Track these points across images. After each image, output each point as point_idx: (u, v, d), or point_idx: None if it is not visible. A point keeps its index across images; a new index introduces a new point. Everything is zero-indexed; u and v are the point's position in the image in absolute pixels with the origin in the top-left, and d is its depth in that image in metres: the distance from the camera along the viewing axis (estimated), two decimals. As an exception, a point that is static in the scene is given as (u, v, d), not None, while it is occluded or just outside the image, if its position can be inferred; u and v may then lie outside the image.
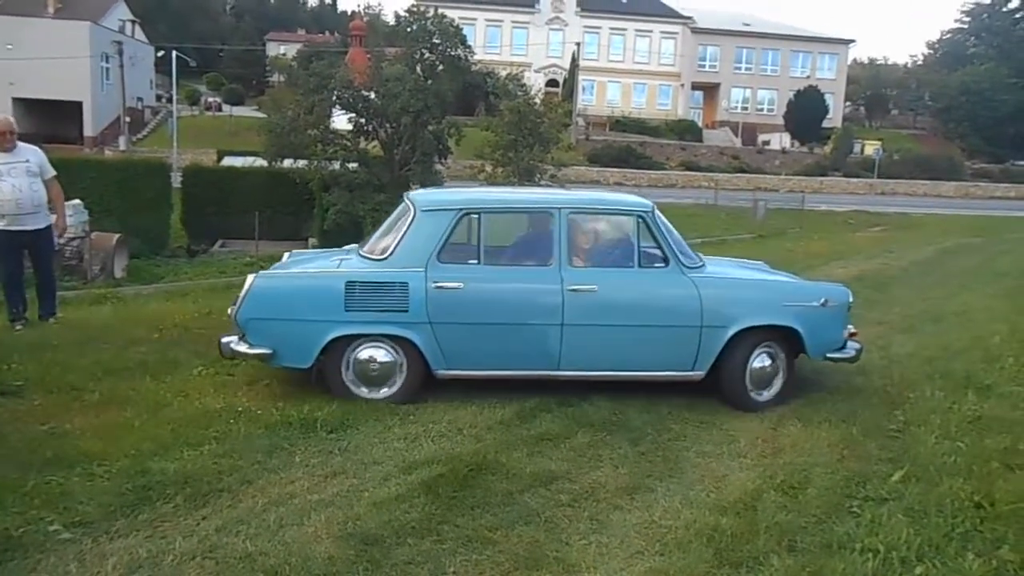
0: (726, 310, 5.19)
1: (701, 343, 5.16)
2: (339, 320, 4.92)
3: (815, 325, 5.29)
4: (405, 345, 4.98)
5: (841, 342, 5.45)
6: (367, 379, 5.05)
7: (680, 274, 5.22)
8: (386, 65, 23.73)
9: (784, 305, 5.31)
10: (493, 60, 48.06)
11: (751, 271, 6.25)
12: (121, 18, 51.56)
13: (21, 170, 6.58)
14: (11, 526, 3.28)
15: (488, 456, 4.22)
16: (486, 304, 5.01)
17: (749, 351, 5.23)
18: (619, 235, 5.41)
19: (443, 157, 23.83)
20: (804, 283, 5.87)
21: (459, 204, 5.24)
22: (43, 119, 42.04)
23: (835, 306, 5.39)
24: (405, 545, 3.31)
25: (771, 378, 5.36)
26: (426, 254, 5.00)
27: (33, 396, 4.91)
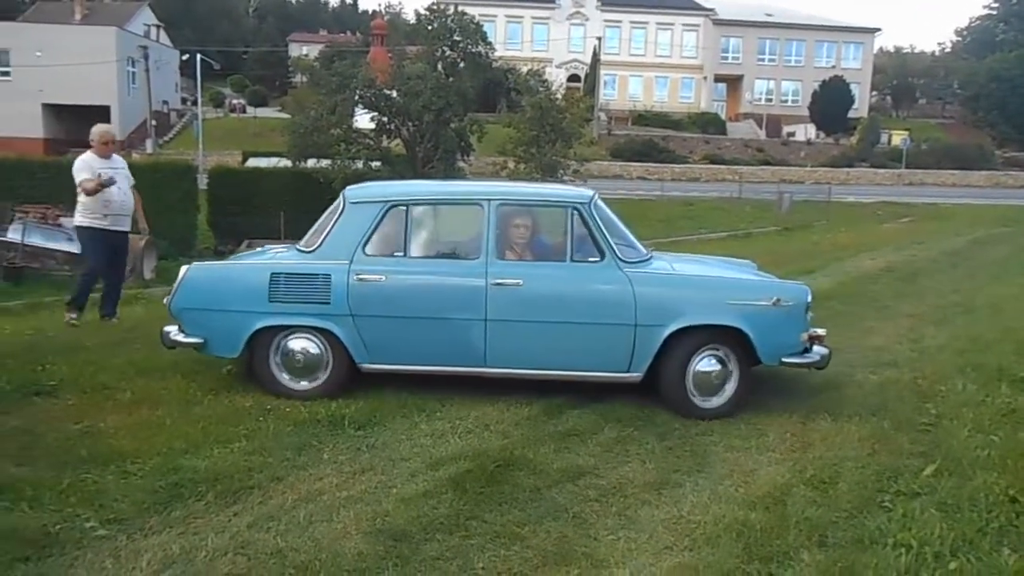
0: (662, 308, 4.87)
1: (636, 343, 4.85)
2: (264, 311, 4.98)
3: (765, 326, 4.86)
4: (329, 337, 5.00)
5: (798, 346, 4.96)
6: (294, 370, 5.09)
7: (615, 269, 4.93)
8: (407, 63, 23.85)
9: (728, 304, 4.89)
10: (514, 56, 47.99)
11: (716, 269, 5.79)
12: (146, 23, 52.27)
13: (123, 175, 7.10)
14: (49, 523, 3.34)
15: (515, 452, 4.23)
16: (408, 297, 4.96)
17: (689, 353, 4.88)
18: (552, 228, 5.20)
19: (465, 154, 23.90)
20: (756, 280, 5.32)
21: (386, 196, 5.20)
22: (72, 124, 42.64)
23: (789, 306, 4.91)
24: (433, 541, 3.33)
25: (719, 384, 4.93)
26: (352, 246, 5.00)
27: (67, 396, 4.99)
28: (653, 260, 5.31)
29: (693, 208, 28.78)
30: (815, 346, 5.09)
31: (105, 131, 7.12)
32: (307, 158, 22.71)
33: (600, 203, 5.26)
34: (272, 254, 5.68)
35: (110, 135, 7.17)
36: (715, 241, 19.68)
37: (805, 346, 5.03)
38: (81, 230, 7.12)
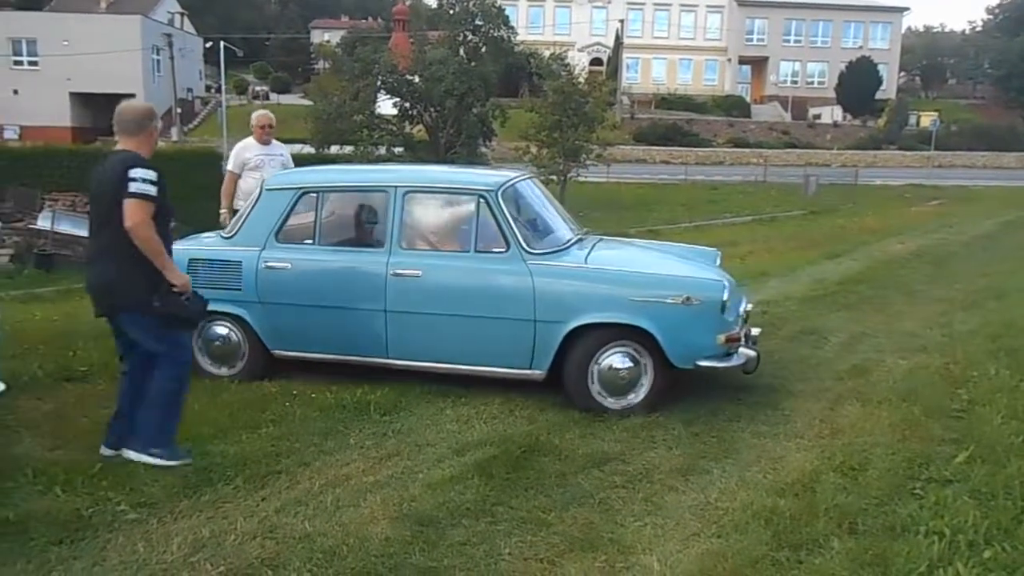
0: (561, 303, 4.65)
1: (536, 339, 4.66)
2: None
3: (673, 325, 4.53)
4: (242, 324, 5.06)
5: (712, 348, 4.59)
6: (213, 356, 5.18)
7: (517, 262, 4.69)
8: (429, 49, 23.79)
9: (631, 300, 4.57)
10: (536, 40, 47.71)
11: (644, 261, 5.32)
12: (170, 11, 52.54)
13: (277, 164, 6.71)
14: (82, 506, 3.40)
15: (541, 437, 4.22)
16: (312, 285, 4.93)
17: (592, 350, 4.64)
18: (457, 216, 5.04)
19: (488, 139, 23.84)
20: (664, 276, 4.83)
21: (298, 184, 5.19)
22: (99, 112, 43.06)
23: (700, 304, 4.53)
24: (460, 526, 3.33)
25: (630, 383, 4.66)
26: (264, 233, 5.04)
27: (98, 381, 5.06)
28: (571, 251, 4.98)
29: (717, 192, 28.52)
30: (741, 349, 4.72)
31: (261, 115, 6.78)
32: (330, 144, 22.78)
33: (519, 189, 5.16)
34: (200, 239, 5.64)
35: (267, 119, 6.74)
36: (740, 225, 19.50)
37: (728, 349, 4.66)
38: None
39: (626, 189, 26.54)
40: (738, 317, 4.86)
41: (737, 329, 4.74)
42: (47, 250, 14.03)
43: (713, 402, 4.88)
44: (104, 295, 3.75)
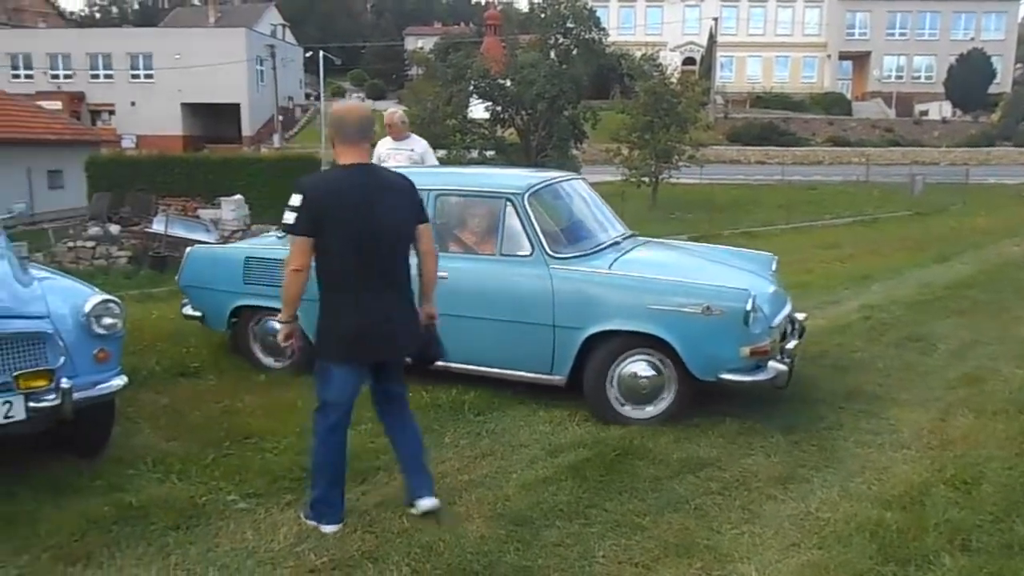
0: (579, 309, 4.57)
1: (556, 344, 4.61)
2: (240, 292, 5.39)
3: (693, 336, 4.36)
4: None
5: (735, 360, 4.35)
6: (266, 348, 5.44)
7: (540, 265, 4.65)
8: (520, 52, 23.94)
9: (649, 308, 4.42)
10: (627, 41, 47.26)
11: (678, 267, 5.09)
12: (272, 22, 54.76)
13: (404, 156, 6.81)
14: (196, 495, 3.59)
15: (634, 441, 4.20)
16: None
17: (611, 358, 4.54)
18: (486, 219, 4.99)
19: (579, 142, 23.80)
20: (684, 284, 4.59)
21: None
22: (206, 121, 45.37)
23: (722, 314, 4.31)
24: (554, 527, 3.36)
25: (652, 392, 4.53)
26: None
27: (209, 377, 5.33)
28: (599, 255, 4.86)
29: (816, 192, 27.54)
30: (771, 363, 4.47)
31: (388, 114, 6.95)
32: (423, 149, 23.23)
33: (553, 191, 5.12)
34: (258, 238, 5.87)
35: (391, 117, 6.89)
36: (840, 227, 18.76)
37: (755, 362, 4.41)
38: None
39: (720, 190, 25.96)
40: (771, 328, 4.56)
41: (766, 341, 4.45)
42: (161, 252, 14.80)
43: (813, 409, 4.74)
44: (405, 336, 3.34)
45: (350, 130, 3.22)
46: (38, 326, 3.61)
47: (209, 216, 17.76)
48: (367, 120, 3.28)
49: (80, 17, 77.66)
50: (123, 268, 14.64)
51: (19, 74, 44.49)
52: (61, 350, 3.63)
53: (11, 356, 3.50)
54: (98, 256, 15.27)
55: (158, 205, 18.35)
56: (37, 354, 3.57)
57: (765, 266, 5.41)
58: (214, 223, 16.95)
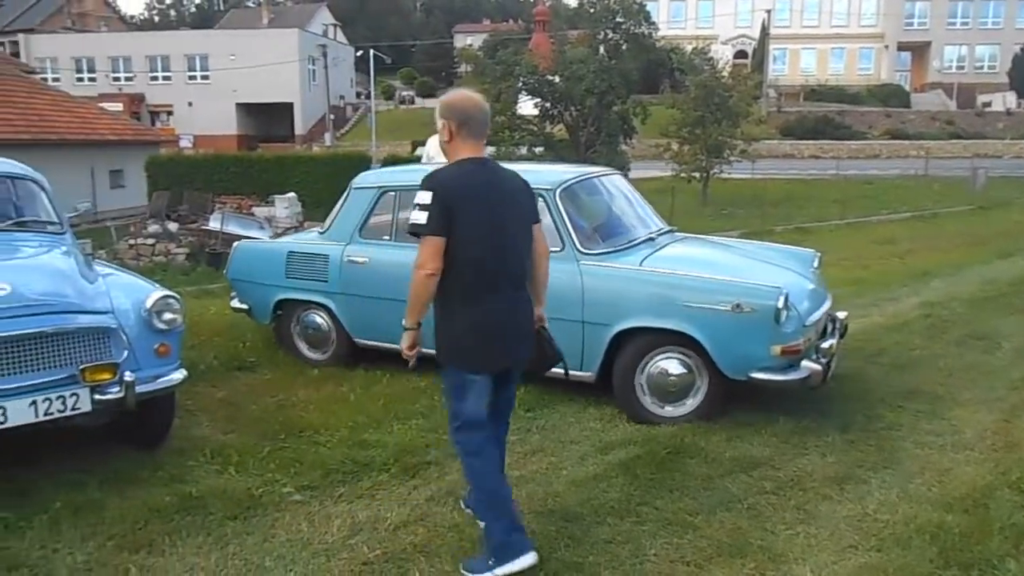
0: (608, 306, 4.54)
1: (585, 340, 4.56)
2: (282, 285, 5.57)
3: (721, 333, 4.28)
4: (329, 313, 5.44)
5: (765, 359, 4.25)
6: (308, 341, 5.65)
7: (570, 261, 4.61)
8: (569, 48, 23.83)
9: (678, 305, 4.36)
10: (678, 35, 46.70)
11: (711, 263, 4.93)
12: (324, 23, 55.56)
13: None
14: (252, 486, 3.68)
15: (686, 439, 4.16)
16: (384, 280, 5.06)
17: (640, 355, 4.50)
18: None
19: (628, 137, 23.61)
20: (713, 281, 4.48)
21: (379, 183, 5.49)
22: (260, 121, 46.29)
23: (752, 312, 4.20)
24: (605, 524, 3.35)
25: (682, 390, 4.47)
26: (350, 229, 5.38)
27: (264, 371, 5.45)
28: (632, 251, 4.81)
29: (872, 187, 26.85)
30: (804, 362, 4.34)
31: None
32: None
33: (587, 187, 5.14)
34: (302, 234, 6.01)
35: None
36: (897, 222, 18.28)
37: (787, 361, 4.30)
38: None
39: (772, 185, 25.46)
40: (805, 327, 4.43)
41: (799, 340, 4.33)
42: (217, 249, 15.13)
43: (871, 408, 4.63)
44: (531, 340, 3.13)
45: (476, 123, 2.97)
46: (103, 321, 3.73)
47: (263, 214, 18.12)
48: (488, 113, 3.06)
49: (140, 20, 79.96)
50: (181, 265, 15.02)
51: (83, 77, 45.98)
52: (124, 344, 3.74)
53: (77, 350, 3.62)
54: (157, 253, 15.71)
55: (214, 203, 18.80)
56: (102, 348, 3.69)
57: (806, 263, 5.29)
58: (268, 220, 17.29)
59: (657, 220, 5.49)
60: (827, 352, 4.49)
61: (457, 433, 3.04)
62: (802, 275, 4.95)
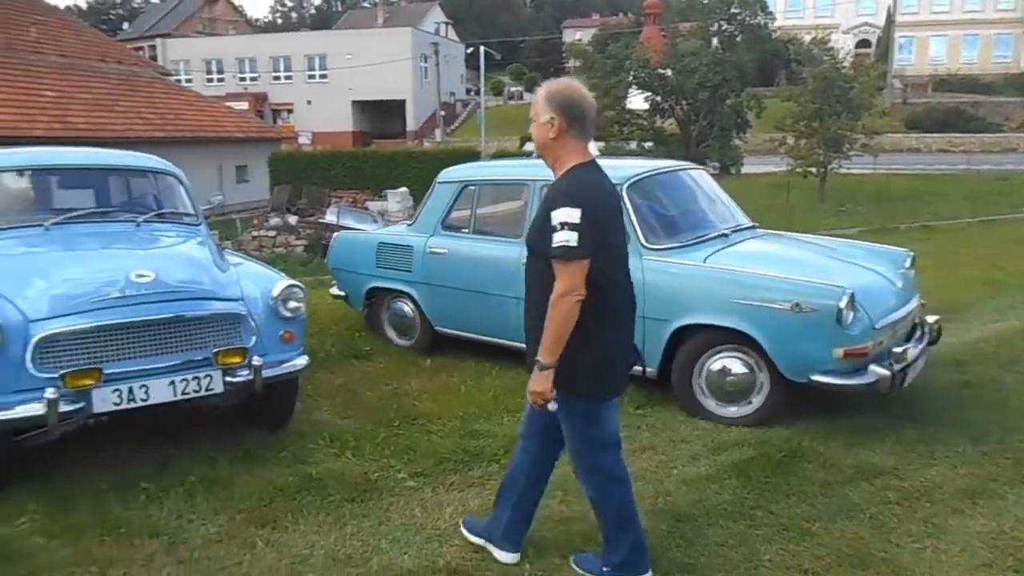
0: (668, 301, 4.49)
1: (645, 335, 4.47)
2: (372, 274, 5.90)
3: (780, 333, 4.15)
4: (413, 301, 5.71)
5: (827, 362, 4.08)
6: (395, 328, 5.98)
7: (633, 257, 4.27)
8: (680, 41, 23.39)
9: (736, 303, 4.26)
10: (795, 25, 45.03)
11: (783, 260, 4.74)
12: (436, 21, 56.58)
13: None
14: (369, 470, 3.81)
15: (803, 443, 4.03)
16: (461, 271, 5.32)
17: (698, 352, 4.44)
18: None
19: (741, 131, 22.98)
20: (773, 279, 4.31)
21: (461, 177, 5.67)
22: (374, 117, 47.69)
23: (812, 312, 4.06)
24: (717, 526, 3.28)
25: (741, 391, 4.37)
26: (434, 222, 5.62)
27: (379, 360, 5.63)
28: (698, 247, 4.71)
29: (1008, 183, 25.04)
30: (872, 367, 4.09)
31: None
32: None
33: (659, 181, 5.14)
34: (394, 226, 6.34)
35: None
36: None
37: (852, 365, 4.09)
38: None
39: (896, 181, 24.16)
40: (874, 330, 4.17)
41: (866, 343, 4.11)
42: (332, 242, 15.73)
43: (1006, 418, 4.35)
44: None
45: (588, 119, 2.66)
46: (234, 308, 3.94)
47: (376, 208, 18.70)
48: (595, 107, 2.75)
49: (264, 23, 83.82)
50: (299, 256, 15.68)
51: (212, 78, 48.63)
52: (253, 330, 3.95)
53: (211, 334, 3.84)
54: (278, 245, 16.47)
55: (331, 197, 19.54)
56: (232, 333, 3.90)
57: (896, 263, 4.98)
58: (381, 214, 17.82)
59: (738, 216, 5.39)
60: (899, 357, 4.21)
61: (601, 459, 2.79)
62: (885, 275, 4.69)
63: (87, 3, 79.76)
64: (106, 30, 52.68)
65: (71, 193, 5.06)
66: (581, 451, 2.80)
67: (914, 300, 4.76)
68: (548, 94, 2.67)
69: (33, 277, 3.75)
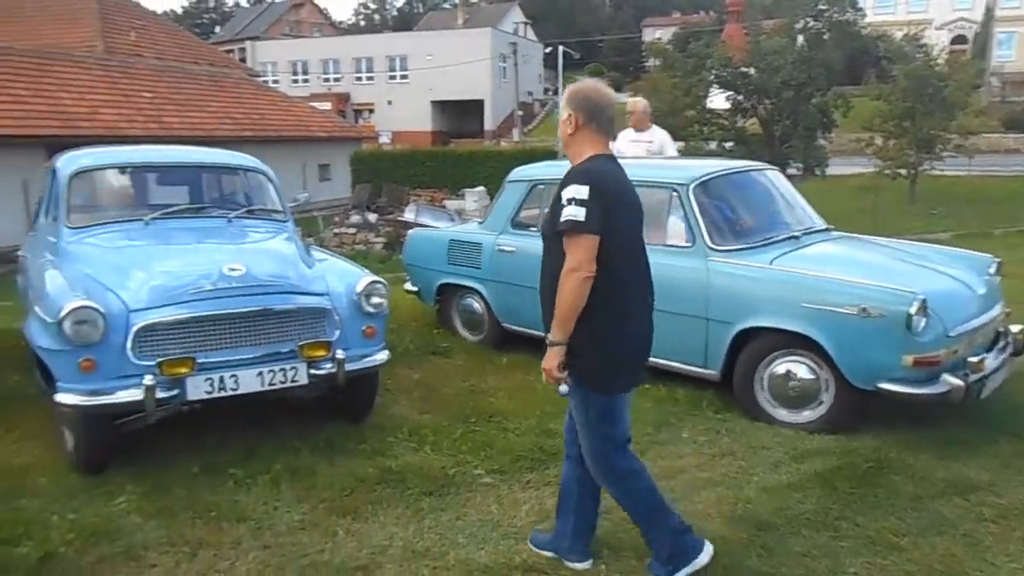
0: (732, 303, 4.46)
1: (708, 337, 4.54)
2: (444, 271, 6.04)
3: (847, 339, 4.02)
4: (481, 297, 5.81)
5: (895, 369, 3.92)
6: (465, 323, 6.10)
7: (699, 257, 4.62)
8: (764, 38, 22.82)
9: (801, 307, 4.16)
10: (886, 21, 43.39)
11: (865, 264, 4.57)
12: (515, 21, 56.81)
13: (641, 148, 6.84)
14: (446, 466, 3.86)
15: (891, 454, 3.89)
16: (528, 268, 4.94)
17: (761, 355, 4.38)
18: (653, 209, 4.69)
19: (827, 131, 22.27)
20: (840, 282, 4.18)
21: (531, 176, 5.70)
22: (452, 117, 48.20)
23: (881, 317, 3.91)
24: (800, 536, 3.20)
25: (805, 396, 4.27)
26: (504, 220, 5.69)
27: (457, 357, 5.69)
28: (766, 249, 4.60)
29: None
30: (945, 376, 3.92)
31: (632, 103, 7.05)
32: (660, 141, 22.93)
33: (728, 182, 5.06)
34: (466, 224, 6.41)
35: (635, 106, 6.96)
36: None
37: (923, 374, 3.93)
38: None
39: (992, 183, 23.02)
40: (948, 337, 3.98)
41: (938, 351, 3.94)
42: (411, 240, 15.97)
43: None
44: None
45: (606, 117, 2.77)
46: (320, 302, 4.05)
47: (454, 206, 18.89)
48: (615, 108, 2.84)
49: (347, 25, 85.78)
50: (378, 253, 15.98)
51: (297, 79, 50.03)
52: (337, 324, 4.05)
53: (297, 328, 3.96)
54: (358, 242, 16.82)
55: (410, 196, 19.85)
56: (318, 327, 4.02)
57: (979, 269, 4.73)
58: (458, 213, 18.00)
59: (812, 219, 5.25)
60: (976, 367, 4.02)
61: (614, 458, 2.78)
62: (964, 281, 4.46)
63: (182, 8, 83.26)
64: (199, 33, 54.86)
65: (167, 190, 5.30)
66: (598, 451, 2.81)
67: (997, 308, 4.54)
68: (568, 93, 2.84)
69: (134, 269, 3.94)
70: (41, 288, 3.98)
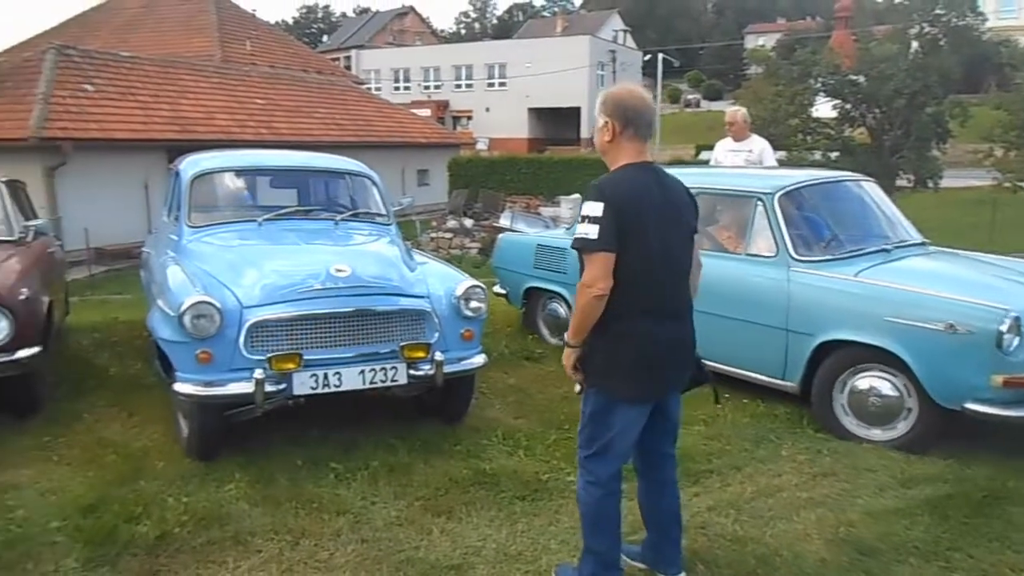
0: (812, 315, 4.38)
1: (788, 349, 4.47)
2: (530, 275, 6.23)
3: (932, 355, 3.89)
4: (566, 302, 5.91)
5: (984, 389, 3.76)
6: (550, 327, 6.25)
7: (781, 267, 4.57)
8: (874, 45, 21.93)
9: (885, 321, 4.04)
10: (1009, 26, 40.99)
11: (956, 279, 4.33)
12: (615, 28, 56.58)
13: (741, 158, 6.74)
14: (540, 470, 3.89)
15: (1008, 483, 3.68)
16: None
17: (840, 369, 4.27)
18: (736, 218, 4.96)
19: (942, 141, 21.20)
20: (926, 297, 4.02)
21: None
22: (548, 124, 48.37)
23: (969, 334, 3.76)
24: (906, 564, 3.07)
25: (886, 413, 4.14)
26: None
27: (550, 363, 5.70)
28: (851, 261, 4.51)
29: None
30: None
31: (731, 112, 7.09)
32: (762, 150, 22.32)
33: (815, 192, 4.97)
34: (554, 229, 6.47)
35: (734, 116, 6.96)
36: None
37: (1014, 394, 3.76)
38: None
39: None
40: None
41: None
42: (505, 246, 16.12)
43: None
44: (691, 362, 2.85)
45: (644, 122, 2.68)
46: (420, 305, 4.15)
47: (549, 213, 18.94)
48: (655, 112, 2.77)
49: (448, 34, 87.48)
50: (473, 258, 16.18)
51: (399, 86, 51.32)
52: (436, 327, 4.14)
53: (398, 329, 4.07)
54: (454, 247, 17.09)
55: (505, 202, 20.03)
56: (417, 329, 4.11)
57: None
58: (553, 220, 18.04)
59: (907, 231, 5.06)
60: None
61: (593, 461, 2.73)
62: None
63: (293, 18, 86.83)
64: (308, 42, 57.01)
65: (278, 192, 5.55)
66: (582, 447, 2.79)
67: None
68: (603, 99, 2.76)
69: (247, 268, 4.14)
70: (163, 283, 4.22)
